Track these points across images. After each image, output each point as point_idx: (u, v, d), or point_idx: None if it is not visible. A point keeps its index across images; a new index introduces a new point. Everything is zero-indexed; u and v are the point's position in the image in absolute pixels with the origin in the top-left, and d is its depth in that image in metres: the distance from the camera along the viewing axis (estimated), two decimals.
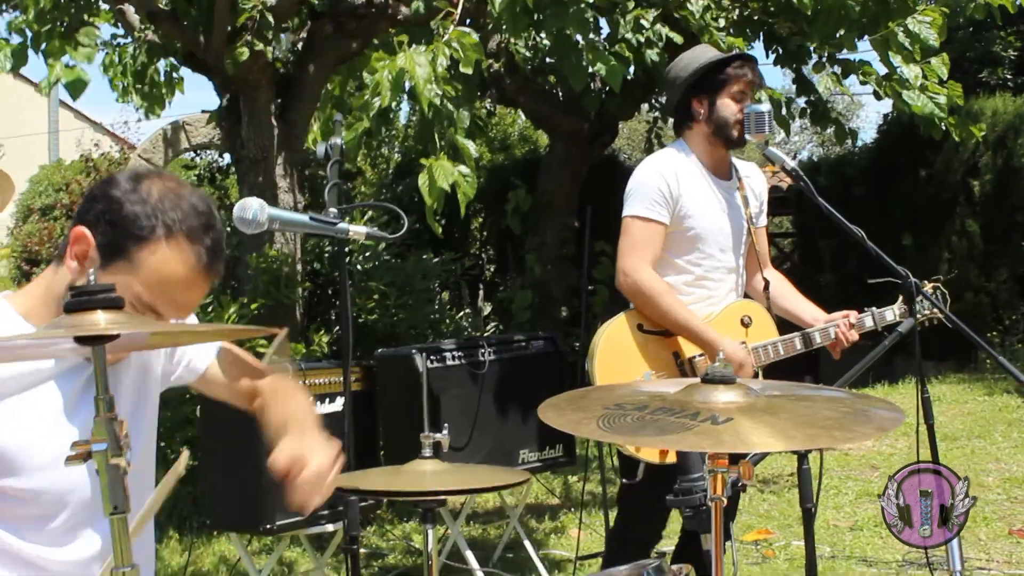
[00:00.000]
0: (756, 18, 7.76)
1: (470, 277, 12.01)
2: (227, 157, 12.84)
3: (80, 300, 1.10)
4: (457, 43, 5.13)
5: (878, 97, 7.27)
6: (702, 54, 3.97)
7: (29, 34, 6.22)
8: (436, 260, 8.85)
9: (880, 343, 3.50)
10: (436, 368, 5.23)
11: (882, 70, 7.05)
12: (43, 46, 6.25)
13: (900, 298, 3.87)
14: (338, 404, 4.79)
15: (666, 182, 3.71)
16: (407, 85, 5.01)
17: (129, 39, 7.40)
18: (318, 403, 4.64)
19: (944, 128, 6.77)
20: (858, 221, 3.69)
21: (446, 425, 3.07)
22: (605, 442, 3.85)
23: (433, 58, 5.06)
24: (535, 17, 5.82)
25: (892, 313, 3.89)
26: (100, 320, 1.10)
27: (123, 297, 1.90)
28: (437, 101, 5.04)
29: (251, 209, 2.30)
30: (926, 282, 3.87)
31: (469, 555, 5.11)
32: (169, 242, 1.97)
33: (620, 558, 3.71)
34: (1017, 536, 5.74)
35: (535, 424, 5.51)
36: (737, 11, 7.86)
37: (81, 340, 1.09)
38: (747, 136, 3.77)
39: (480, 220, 14.06)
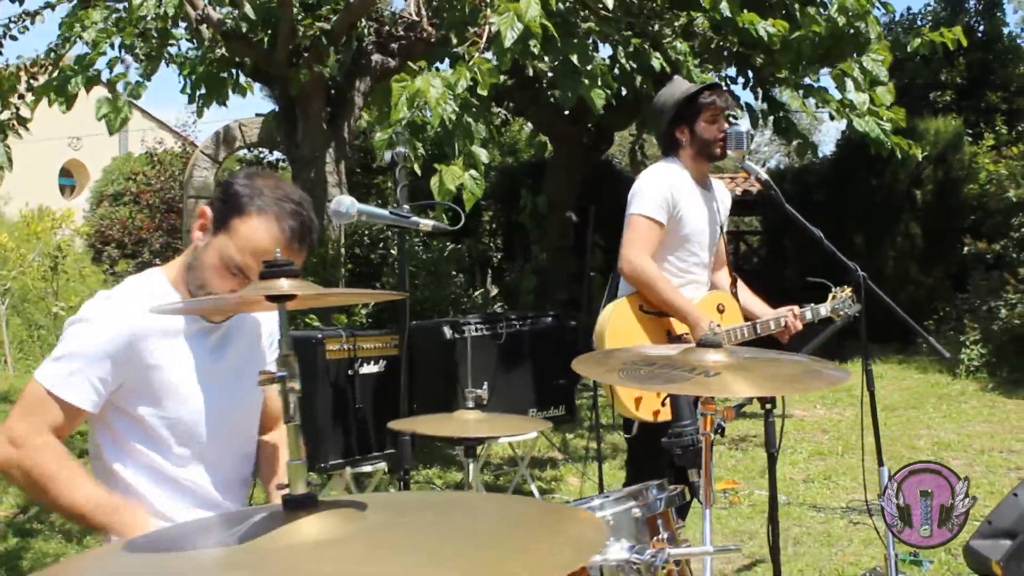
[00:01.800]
0: (735, 50, 8.01)
1: (480, 263, 12.27)
2: (275, 154, 13.10)
3: (271, 271, 1.35)
4: (477, 68, 5.37)
5: (832, 118, 7.56)
6: (676, 89, 4.19)
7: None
8: (459, 247, 9.07)
9: (832, 325, 3.75)
10: (461, 338, 5.47)
11: (838, 96, 7.34)
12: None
13: (830, 297, 4.18)
14: (381, 366, 5.02)
15: (669, 189, 3.95)
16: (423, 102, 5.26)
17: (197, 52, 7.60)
18: (365, 365, 4.89)
19: (889, 147, 7.03)
20: (817, 222, 3.95)
21: (485, 383, 3.31)
22: (604, 403, 4.08)
23: (457, 80, 5.30)
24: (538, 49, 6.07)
25: (824, 309, 4.17)
26: (284, 284, 1.35)
27: (220, 258, 2.20)
28: (453, 117, 5.28)
29: (345, 204, 2.55)
30: (845, 288, 4.21)
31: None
32: (259, 216, 2.20)
33: None
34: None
35: (542, 386, 5.76)
36: (715, 44, 8.12)
37: (271, 298, 1.34)
38: (729, 152, 3.99)
39: (491, 214, 14.29)
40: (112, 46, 5.94)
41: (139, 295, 2.27)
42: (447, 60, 7.57)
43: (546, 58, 6.64)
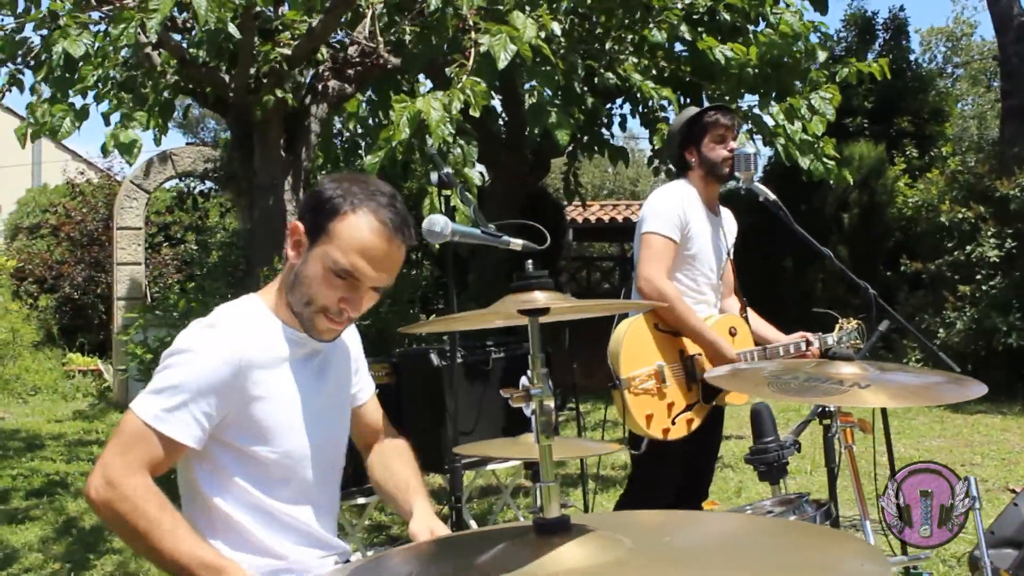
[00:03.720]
0: (687, 79, 8.14)
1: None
2: (206, 183, 12.79)
3: (524, 283, 1.27)
4: (470, 90, 5.33)
5: (766, 144, 7.73)
6: (686, 113, 4.24)
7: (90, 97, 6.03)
8: (416, 272, 8.96)
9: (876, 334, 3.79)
10: (448, 365, 5.36)
11: (770, 121, 7.51)
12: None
13: (836, 328, 4.23)
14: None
15: (682, 207, 3.95)
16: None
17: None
18: None
19: (826, 175, 7.22)
20: (747, 247, 3.99)
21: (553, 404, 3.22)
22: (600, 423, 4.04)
23: (450, 102, 5.26)
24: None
25: (831, 339, 4.22)
26: (538, 297, 1.27)
27: (324, 266, 2.10)
28: (450, 139, 5.25)
29: (439, 224, 2.46)
30: (852, 319, 4.28)
31: (473, 524, 5.30)
32: (356, 212, 2.11)
33: None
34: None
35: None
36: (669, 71, 8.24)
37: (524, 312, 1.26)
38: (736, 173, 4.01)
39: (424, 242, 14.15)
40: (97, 80, 5.69)
41: (242, 322, 2.15)
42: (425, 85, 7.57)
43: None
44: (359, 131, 8.95)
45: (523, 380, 1.26)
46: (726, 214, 4.32)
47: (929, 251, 11.09)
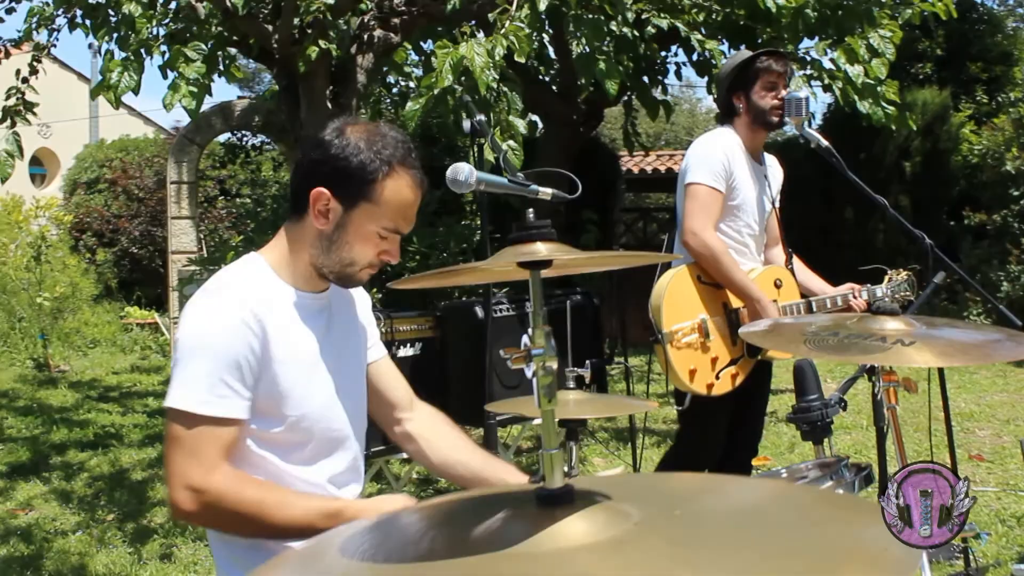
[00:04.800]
0: (741, 24, 7.89)
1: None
2: (259, 137, 12.80)
3: (524, 234, 1.18)
4: (513, 36, 5.19)
5: (825, 90, 7.45)
6: (738, 57, 4.08)
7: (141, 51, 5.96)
8: (466, 223, 8.89)
9: (928, 288, 3.63)
10: (493, 318, 5.29)
11: (828, 65, 7.22)
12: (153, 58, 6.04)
13: (885, 280, 4.07)
14: (418, 348, 4.86)
15: (726, 156, 3.82)
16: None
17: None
18: (403, 348, 4.71)
19: (886, 120, 6.94)
20: (805, 197, 3.84)
21: (588, 362, 3.13)
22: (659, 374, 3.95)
23: (493, 48, 5.13)
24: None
25: (880, 291, 4.07)
26: (540, 248, 1.17)
27: (369, 229, 2.04)
28: (494, 85, 5.12)
29: (464, 172, 2.36)
30: (902, 270, 4.12)
31: None
32: (394, 173, 2.07)
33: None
34: (976, 460, 5.91)
35: (573, 365, 5.59)
36: (722, 16, 7.98)
37: (524, 265, 1.17)
38: (786, 119, 3.85)
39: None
40: (150, 32, 5.63)
41: (248, 288, 2.07)
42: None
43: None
44: (406, 82, 8.84)
45: (524, 339, 1.16)
46: (771, 161, 4.17)
47: (994, 201, 10.73)
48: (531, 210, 1.27)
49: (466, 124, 2.79)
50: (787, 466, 2.13)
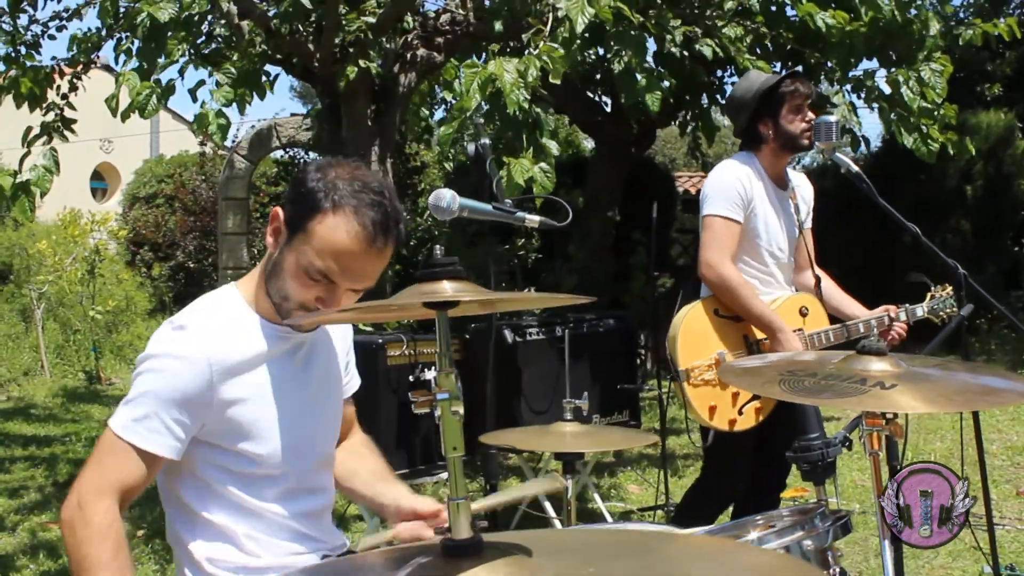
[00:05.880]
0: (788, 47, 7.76)
1: (518, 262, 12.04)
2: (312, 154, 12.90)
3: (430, 271, 1.13)
4: (547, 56, 5.14)
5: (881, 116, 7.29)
6: (755, 81, 3.96)
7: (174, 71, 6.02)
8: (505, 248, 8.85)
9: (951, 324, 3.51)
10: (523, 342, 5.25)
11: (886, 89, 7.07)
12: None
13: (928, 297, 3.96)
14: None
15: (743, 185, 3.74)
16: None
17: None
18: (427, 370, 4.67)
19: (932, 156, 6.74)
20: (863, 220, 3.73)
21: (585, 393, 3.09)
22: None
23: (525, 68, 5.08)
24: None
25: (922, 310, 3.96)
26: (447, 288, 1.12)
27: (299, 264, 1.98)
28: (526, 105, 5.07)
29: (444, 198, 2.31)
30: (946, 286, 4.00)
31: (547, 505, 5.18)
32: (335, 212, 1.96)
33: (701, 510, 3.78)
34: (1023, 496, 5.72)
35: (606, 391, 5.52)
36: (770, 39, 7.86)
37: (430, 305, 1.12)
38: (817, 143, 3.75)
39: None
40: (183, 53, 5.68)
41: (214, 322, 2.03)
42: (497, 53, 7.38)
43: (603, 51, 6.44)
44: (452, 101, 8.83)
45: (431, 379, 1.10)
46: (800, 180, 4.06)
47: None
48: (439, 247, 1.22)
49: (470, 148, 2.75)
50: (764, 513, 2.04)
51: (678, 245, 15.19)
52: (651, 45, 7.40)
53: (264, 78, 7.02)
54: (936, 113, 6.92)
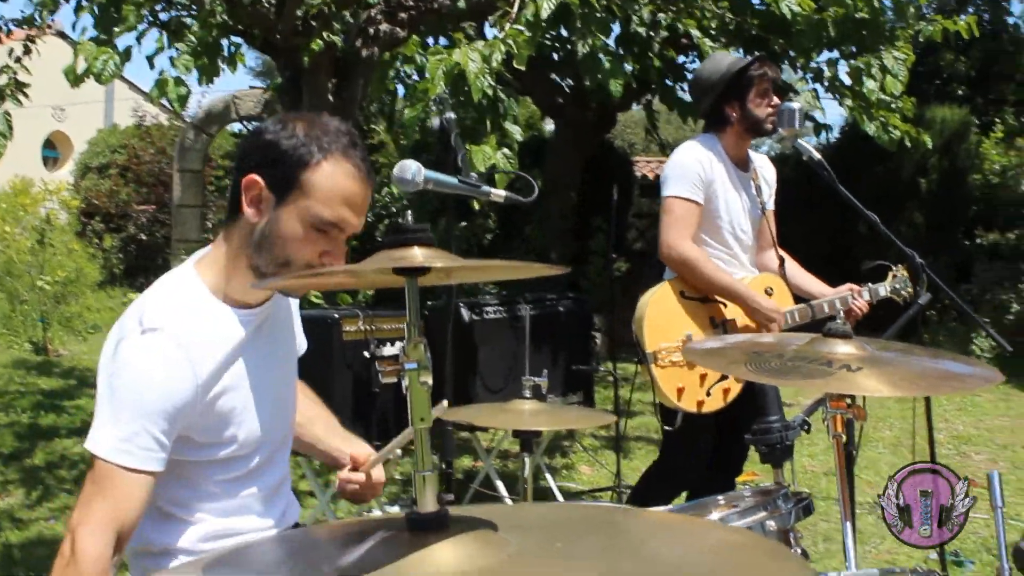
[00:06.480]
0: (753, 33, 7.78)
1: (476, 239, 12.00)
2: None
3: (400, 237, 1.10)
4: (512, 40, 5.10)
5: (841, 105, 7.36)
6: (721, 63, 3.98)
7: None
8: (463, 225, 8.80)
9: (910, 310, 3.53)
10: (476, 320, 5.22)
11: (847, 80, 7.14)
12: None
13: (889, 277, 4.00)
14: (399, 347, 4.78)
15: (702, 167, 3.76)
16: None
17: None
18: (383, 346, 4.63)
19: (894, 144, 6.84)
20: (820, 209, 3.76)
21: (544, 371, 3.07)
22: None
23: (490, 53, 5.04)
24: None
25: (884, 289, 3.99)
26: (417, 254, 1.10)
27: (304, 222, 1.92)
28: (490, 92, 5.02)
29: (410, 170, 2.28)
30: (900, 266, 4.03)
31: (499, 484, 5.19)
32: (329, 160, 1.92)
33: (658, 492, 3.78)
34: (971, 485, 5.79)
35: (562, 372, 5.52)
36: (735, 25, 7.87)
37: (400, 271, 1.09)
38: (780, 130, 3.75)
39: None
40: (141, 20, 5.56)
41: (186, 319, 1.93)
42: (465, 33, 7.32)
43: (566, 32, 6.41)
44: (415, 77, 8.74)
45: (399, 350, 1.08)
46: (762, 162, 4.08)
47: (1009, 221, 10.60)
48: (409, 212, 1.20)
49: (435, 121, 2.71)
50: (726, 493, 2.04)
51: (635, 230, 15.24)
52: (615, 28, 7.42)
53: (230, 51, 6.93)
54: (893, 105, 7.01)
